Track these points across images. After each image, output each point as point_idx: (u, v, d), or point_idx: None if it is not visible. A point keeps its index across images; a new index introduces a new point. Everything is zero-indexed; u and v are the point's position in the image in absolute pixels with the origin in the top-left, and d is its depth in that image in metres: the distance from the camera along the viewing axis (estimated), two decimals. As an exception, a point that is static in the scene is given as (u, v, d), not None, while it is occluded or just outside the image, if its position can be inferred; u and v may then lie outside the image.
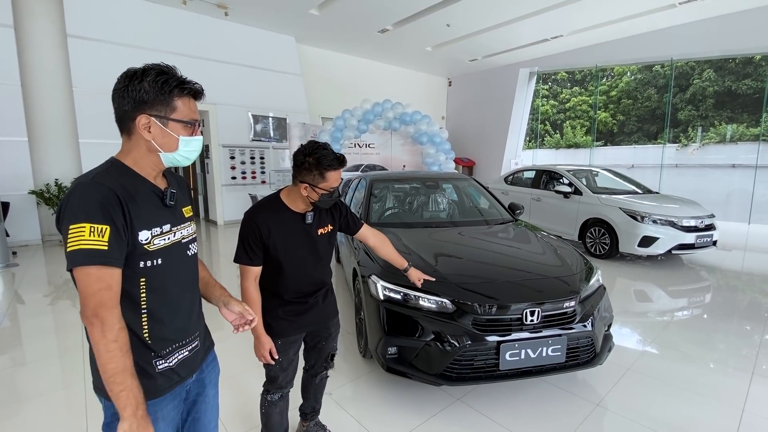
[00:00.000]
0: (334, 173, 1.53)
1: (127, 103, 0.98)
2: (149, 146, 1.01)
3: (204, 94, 1.08)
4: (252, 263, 1.57)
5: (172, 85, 0.99)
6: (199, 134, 1.08)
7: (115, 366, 0.90)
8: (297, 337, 1.72)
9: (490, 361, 2.14)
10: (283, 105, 9.53)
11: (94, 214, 0.90)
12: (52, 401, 2.43)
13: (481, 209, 3.97)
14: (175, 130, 1.02)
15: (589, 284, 2.46)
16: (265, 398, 1.76)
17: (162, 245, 1.03)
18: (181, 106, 1.02)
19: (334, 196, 1.59)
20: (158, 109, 0.99)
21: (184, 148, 1.05)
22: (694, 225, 5.23)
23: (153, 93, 0.97)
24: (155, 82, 0.97)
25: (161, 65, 1.01)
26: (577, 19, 8.71)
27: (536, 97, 13.58)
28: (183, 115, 1.02)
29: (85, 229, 0.88)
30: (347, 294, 4.01)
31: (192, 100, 1.05)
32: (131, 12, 7.38)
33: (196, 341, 1.16)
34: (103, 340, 0.90)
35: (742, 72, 13.80)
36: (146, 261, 1.00)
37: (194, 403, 1.23)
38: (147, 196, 1.02)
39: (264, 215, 1.59)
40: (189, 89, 1.02)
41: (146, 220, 1.00)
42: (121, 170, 1.01)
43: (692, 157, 10.42)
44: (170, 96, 0.99)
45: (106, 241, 0.90)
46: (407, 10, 8.12)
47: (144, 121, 0.98)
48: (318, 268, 1.71)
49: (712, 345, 3.21)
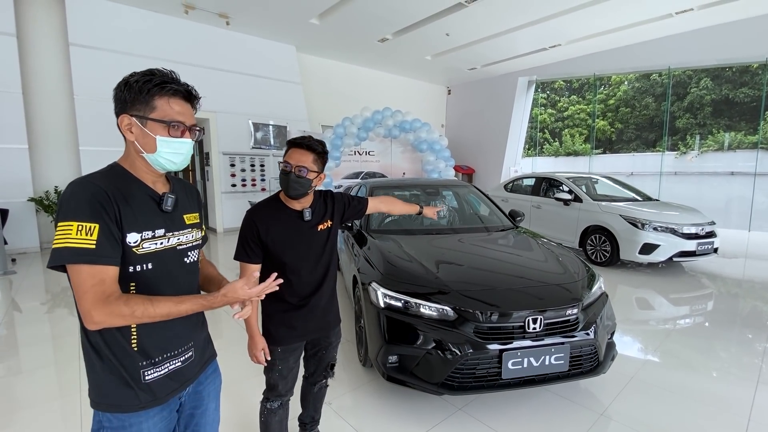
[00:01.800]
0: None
1: (116, 106, 0.99)
2: (135, 148, 1.01)
3: (196, 96, 1.06)
4: (250, 260, 1.58)
5: (154, 83, 0.97)
6: (187, 137, 1.04)
7: (164, 311, 0.94)
8: (297, 345, 1.70)
9: (492, 370, 2.11)
10: (284, 113, 9.58)
11: (83, 212, 0.89)
12: (48, 411, 2.38)
13: (482, 216, 3.97)
14: (153, 130, 0.98)
15: (591, 291, 2.44)
16: (264, 406, 1.74)
17: (152, 249, 1.01)
18: (161, 105, 0.98)
19: (291, 177, 1.53)
20: (138, 109, 0.98)
21: (164, 150, 1.00)
22: (694, 232, 5.22)
23: (134, 92, 0.97)
24: (137, 82, 0.97)
25: (155, 69, 1.00)
26: (575, 29, 8.80)
27: (535, 105, 13.67)
28: (162, 115, 0.98)
29: (72, 228, 0.88)
30: (347, 302, 3.98)
31: (180, 102, 1.02)
32: (133, 21, 7.44)
33: (190, 352, 1.13)
34: (131, 318, 0.92)
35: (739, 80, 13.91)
36: (135, 265, 0.98)
37: (192, 417, 1.19)
38: (142, 200, 1.01)
39: (262, 213, 1.61)
40: (169, 88, 0.98)
41: (137, 223, 0.98)
42: (119, 173, 1.01)
43: (691, 164, 10.45)
44: (149, 95, 0.97)
45: (95, 240, 0.89)
46: (406, 19, 8.20)
47: (126, 122, 0.98)
48: (319, 266, 1.69)
49: (715, 353, 3.17)
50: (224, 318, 3.89)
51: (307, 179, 1.54)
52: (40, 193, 6.82)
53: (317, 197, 1.73)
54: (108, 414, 1.00)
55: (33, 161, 6.77)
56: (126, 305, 0.90)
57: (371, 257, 2.81)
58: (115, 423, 1.01)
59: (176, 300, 0.97)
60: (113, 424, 1.01)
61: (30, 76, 6.74)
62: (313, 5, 7.51)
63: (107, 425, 1.01)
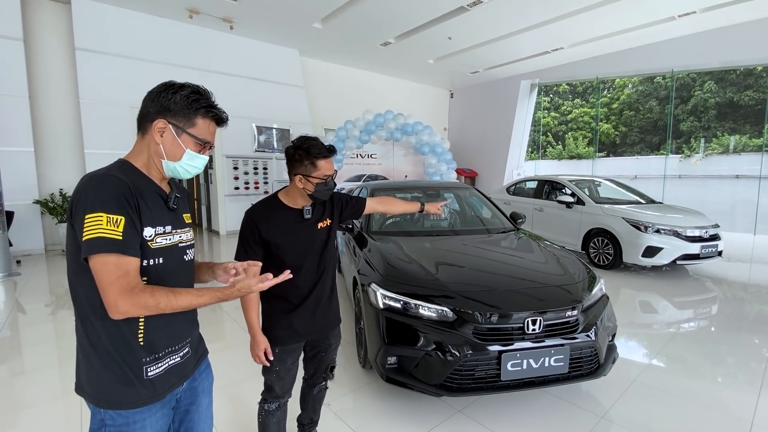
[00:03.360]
0: (325, 161, 1.58)
1: (154, 106, 1.03)
2: (156, 150, 1.05)
3: (227, 123, 1.14)
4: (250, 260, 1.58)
5: (201, 104, 1.05)
6: (206, 155, 1.12)
7: (185, 302, 0.98)
8: (295, 346, 1.70)
9: (492, 372, 2.10)
10: (287, 116, 9.63)
11: (110, 204, 0.92)
12: (50, 410, 2.40)
13: (483, 218, 3.96)
14: (186, 143, 1.06)
15: (591, 293, 2.43)
16: (262, 407, 1.73)
17: (164, 244, 1.06)
18: (201, 124, 1.07)
19: (329, 185, 1.61)
20: (178, 120, 1.04)
21: (188, 162, 1.08)
22: (698, 235, 5.18)
23: (181, 105, 1.03)
24: (187, 97, 1.03)
25: (201, 87, 1.07)
26: (577, 32, 8.81)
27: (538, 109, 13.65)
28: (199, 133, 1.07)
29: (102, 219, 0.91)
30: (348, 303, 3.98)
31: (213, 124, 1.11)
32: (138, 26, 7.52)
33: (187, 347, 1.16)
34: (155, 309, 0.95)
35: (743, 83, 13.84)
36: (149, 259, 1.02)
37: (187, 413, 1.20)
38: (152, 197, 1.05)
39: (262, 212, 1.63)
40: (214, 114, 1.08)
41: (151, 218, 1.02)
42: (130, 169, 1.05)
43: (695, 167, 10.39)
44: (195, 112, 1.05)
45: (121, 231, 0.92)
46: (409, 23, 8.24)
47: (161, 125, 1.03)
48: (320, 264, 1.70)
49: (719, 358, 3.14)
50: (225, 320, 3.90)
51: (335, 182, 1.66)
52: (46, 196, 6.88)
53: None
54: (111, 411, 1.01)
55: (39, 164, 6.85)
56: (152, 297, 0.94)
57: (371, 259, 2.82)
58: (119, 420, 1.01)
59: (196, 293, 1.01)
60: (117, 421, 1.01)
61: (36, 80, 6.83)
62: (316, 9, 7.57)
63: (110, 423, 1.01)
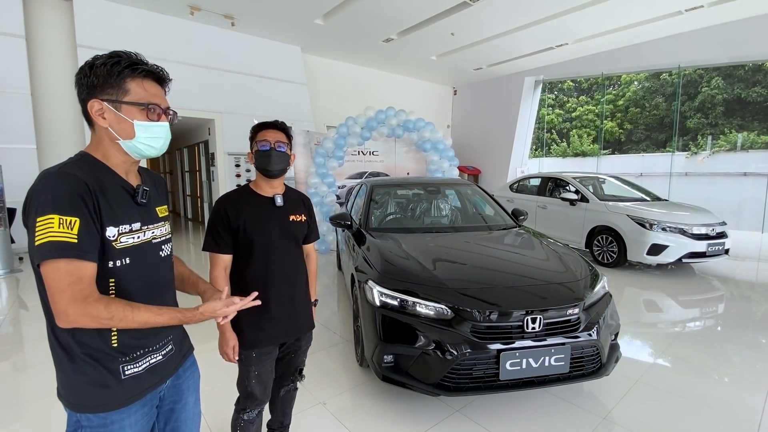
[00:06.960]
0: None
1: (82, 91, 0.95)
2: (109, 135, 0.97)
3: (167, 77, 1.03)
4: (221, 251, 1.54)
5: (123, 65, 0.94)
6: (164, 120, 1.01)
7: (142, 319, 0.92)
8: (271, 347, 1.64)
9: (490, 371, 2.05)
10: (289, 114, 9.59)
11: (63, 205, 0.85)
12: (52, 405, 2.37)
13: (484, 215, 3.90)
14: (129, 114, 0.95)
15: (593, 291, 2.37)
16: (240, 417, 1.66)
17: (131, 243, 0.98)
18: (135, 88, 0.95)
19: (272, 152, 1.55)
20: (109, 93, 0.94)
21: (143, 135, 0.97)
22: (705, 233, 5.09)
23: (103, 76, 0.93)
24: (105, 64, 0.93)
25: (119, 51, 0.96)
26: (582, 28, 8.68)
27: (542, 106, 13.53)
28: (138, 98, 0.95)
29: (54, 221, 0.84)
30: (347, 301, 3.95)
31: (153, 84, 0.99)
32: (140, 22, 7.51)
33: (169, 345, 1.11)
34: (107, 323, 0.88)
35: (751, 79, 13.64)
36: (115, 260, 0.95)
37: (172, 411, 1.16)
38: (117, 192, 0.98)
39: (232, 200, 1.59)
40: (141, 69, 0.95)
41: (114, 216, 0.95)
42: (90, 163, 0.97)
43: (702, 165, 10.24)
44: (120, 78, 0.94)
45: (76, 234, 0.85)
46: (411, 19, 8.17)
47: (96, 107, 0.94)
48: (290, 255, 1.66)
49: (725, 358, 3.07)
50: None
51: (286, 154, 1.59)
52: (48, 193, 6.90)
53: (292, 192, 1.72)
54: (87, 413, 0.97)
55: (41, 161, 6.85)
56: (106, 309, 0.87)
57: (369, 256, 2.77)
58: (95, 422, 0.97)
59: (156, 311, 0.95)
60: (93, 422, 0.97)
61: (38, 77, 6.83)
62: (317, 6, 7.52)
63: (86, 424, 0.97)
